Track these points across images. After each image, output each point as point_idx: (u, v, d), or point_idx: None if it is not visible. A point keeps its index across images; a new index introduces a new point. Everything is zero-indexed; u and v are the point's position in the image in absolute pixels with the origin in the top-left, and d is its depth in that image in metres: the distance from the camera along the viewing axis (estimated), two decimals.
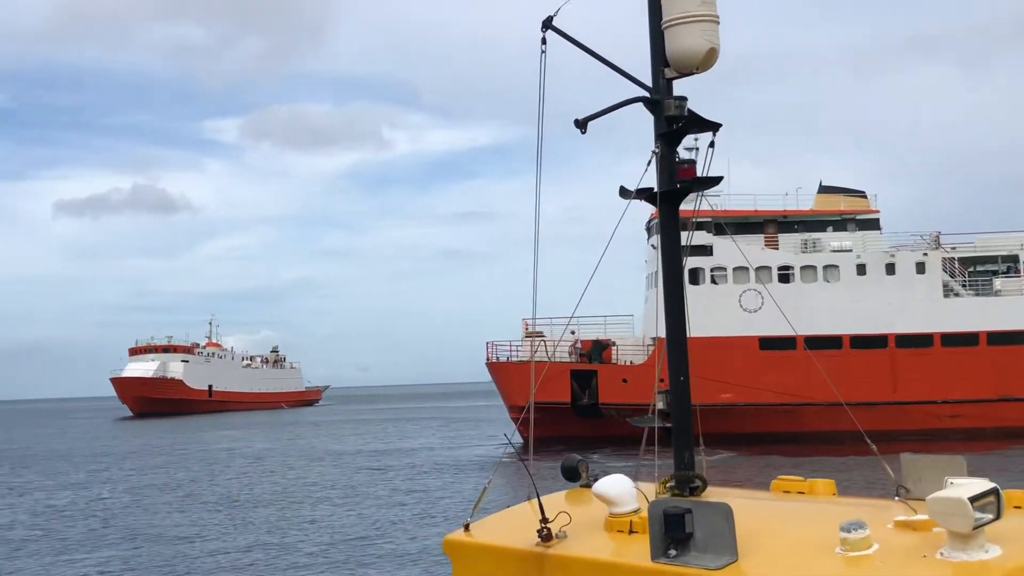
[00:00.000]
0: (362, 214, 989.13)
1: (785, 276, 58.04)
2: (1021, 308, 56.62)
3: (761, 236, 59.98)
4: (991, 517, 4.86)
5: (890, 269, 58.04)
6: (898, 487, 6.13)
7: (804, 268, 58.37)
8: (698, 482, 6.79)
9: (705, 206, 9.19)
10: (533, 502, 6.47)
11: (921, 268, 57.97)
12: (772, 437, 52.54)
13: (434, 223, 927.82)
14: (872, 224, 60.75)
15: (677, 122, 7.13)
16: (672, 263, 7.18)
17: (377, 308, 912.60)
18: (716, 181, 7.44)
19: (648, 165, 7.23)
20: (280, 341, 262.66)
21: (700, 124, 7.31)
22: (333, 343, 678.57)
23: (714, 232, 56.13)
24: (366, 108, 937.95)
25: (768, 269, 57.72)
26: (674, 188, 7.18)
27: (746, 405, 54.47)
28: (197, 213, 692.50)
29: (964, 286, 58.83)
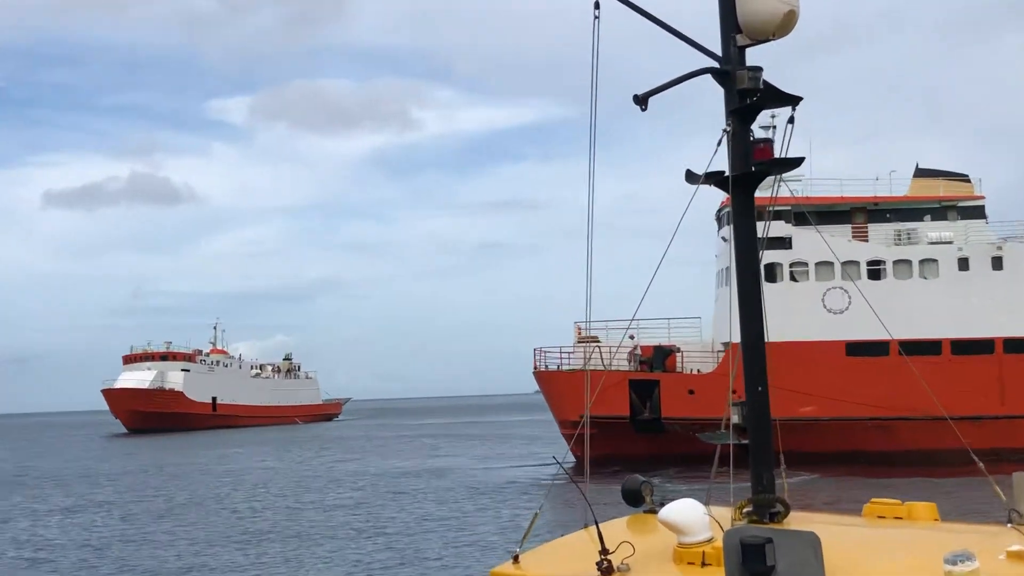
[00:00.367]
0: (389, 203, 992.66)
1: (876, 272, 57.65)
2: None
3: (848, 226, 59.69)
4: None
5: (997, 263, 57.49)
6: (1010, 512, 6.13)
7: (897, 263, 57.97)
8: (779, 507, 6.75)
9: (784, 192, 9.17)
10: (591, 530, 6.51)
11: None
12: (862, 456, 52.25)
13: (469, 212, 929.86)
14: (977, 212, 60.19)
15: (751, 96, 7.09)
16: (746, 258, 7.18)
17: (405, 310, 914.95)
18: (797, 163, 7.44)
19: (718, 146, 7.20)
20: (295, 347, 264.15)
21: (778, 98, 7.25)
22: (354, 349, 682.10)
23: (794, 222, 55.89)
24: (391, 84, 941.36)
25: (856, 264, 57.34)
26: (748, 171, 7.15)
27: (831, 420, 54.21)
28: (202, 203, 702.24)
29: None
